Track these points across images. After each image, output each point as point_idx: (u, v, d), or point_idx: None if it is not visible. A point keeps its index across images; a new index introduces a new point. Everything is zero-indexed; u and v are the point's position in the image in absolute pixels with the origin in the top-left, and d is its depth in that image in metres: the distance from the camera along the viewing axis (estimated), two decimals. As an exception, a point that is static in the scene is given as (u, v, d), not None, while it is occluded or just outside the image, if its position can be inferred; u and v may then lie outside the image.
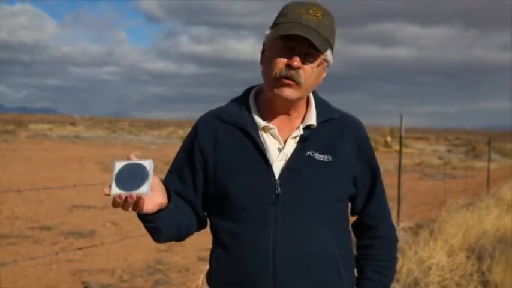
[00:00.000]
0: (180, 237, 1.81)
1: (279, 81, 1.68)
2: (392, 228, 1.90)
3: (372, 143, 1.93)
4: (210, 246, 1.83)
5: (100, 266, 7.00)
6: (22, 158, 20.59)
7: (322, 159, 1.72)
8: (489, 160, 17.04)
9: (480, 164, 25.80)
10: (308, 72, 1.69)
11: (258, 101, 1.81)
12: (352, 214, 1.89)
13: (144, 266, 7.06)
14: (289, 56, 1.67)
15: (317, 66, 1.70)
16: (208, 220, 1.85)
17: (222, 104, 1.83)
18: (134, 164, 1.54)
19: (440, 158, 31.40)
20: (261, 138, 1.73)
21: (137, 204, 1.53)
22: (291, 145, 1.74)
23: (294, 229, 1.68)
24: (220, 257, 1.75)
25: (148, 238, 1.77)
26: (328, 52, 1.72)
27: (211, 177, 1.75)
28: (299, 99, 1.73)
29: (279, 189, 1.68)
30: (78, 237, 8.45)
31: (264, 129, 1.74)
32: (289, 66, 1.66)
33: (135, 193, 1.50)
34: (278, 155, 1.72)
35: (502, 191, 12.38)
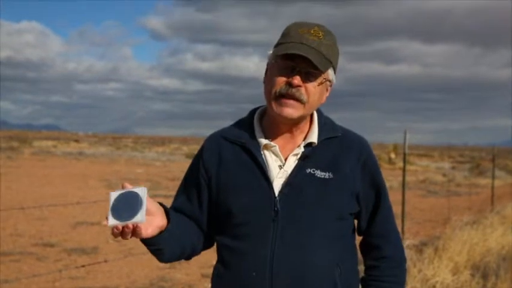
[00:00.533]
0: (185, 256, 1.83)
1: (279, 99, 1.70)
2: (399, 249, 1.87)
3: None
4: (213, 263, 1.84)
5: (103, 283, 6.97)
6: (26, 175, 20.62)
7: (323, 176, 1.73)
8: (493, 177, 16.96)
9: (484, 181, 25.70)
10: (311, 91, 1.70)
11: (263, 121, 1.83)
12: (359, 233, 1.88)
13: (147, 283, 7.03)
14: (290, 75, 1.69)
15: (318, 85, 1.71)
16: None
17: (226, 120, 1.86)
18: (128, 192, 1.58)
19: (444, 175, 31.31)
20: (263, 156, 1.75)
21: (135, 232, 1.57)
22: (292, 162, 1.75)
23: (292, 246, 1.69)
24: (220, 273, 1.78)
25: (151, 255, 1.78)
26: (330, 71, 1.74)
27: (215, 195, 1.79)
28: (301, 117, 1.75)
29: (278, 206, 1.70)
30: (81, 254, 8.44)
31: (266, 147, 1.77)
32: (289, 85, 1.68)
33: (130, 222, 1.54)
34: (279, 172, 1.74)
35: (507, 208, 12.31)
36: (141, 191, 1.56)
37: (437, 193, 20.35)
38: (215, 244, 1.86)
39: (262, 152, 1.76)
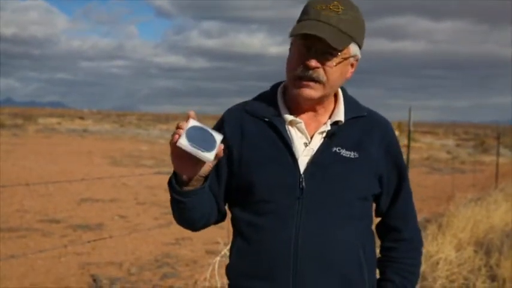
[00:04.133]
0: (199, 223, 1.77)
1: (297, 81, 1.66)
2: (417, 232, 1.86)
3: None
4: (218, 240, 1.83)
5: (108, 259, 7.04)
6: (31, 152, 20.70)
7: (348, 155, 1.70)
8: (498, 154, 16.93)
9: (489, 159, 25.69)
10: (329, 71, 1.64)
11: (286, 96, 1.78)
12: (377, 215, 1.86)
13: (152, 259, 7.09)
14: (306, 56, 1.64)
15: (337, 64, 1.65)
16: (227, 212, 1.83)
17: (231, 97, 1.80)
18: (206, 130, 1.55)
19: (448, 152, 31.28)
20: (288, 132, 1.71)
21: (197, 164, 1.56)
22: (318, 140, 1.71)
23: (317, 224, 1.66)
24: (241, 249, 1.73)
25: (156, 231, 1.77)
26: (353, 47, 1.67)
27: (236, 168, 1.73)
28: (323, 97, 1.70)
29: (304, 184, 1.66)
30: (86, 231, 8.50)
31: (291, 123, 1.72)
32: (306, 66, 1.64)
33: (201, 154, 1.52)
34: (304, 150, 1.70)
35: (511, 186, 12.31)
36: (218, 137, 1.55)
37: (442, 170, 20.36)
38: (230, 219, 1.81)
39: (287, 128, 1.71)
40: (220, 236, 4.77)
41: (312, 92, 1.66)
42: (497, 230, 7.40)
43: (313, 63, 1.63)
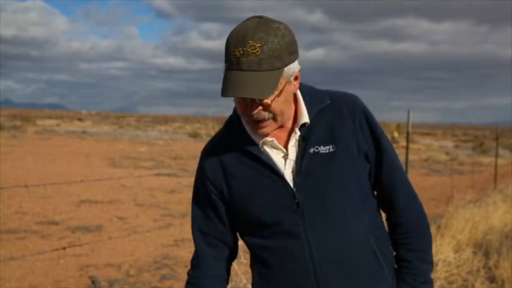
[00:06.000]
0: None
1: (250, 123, 1.68)
2: (412, 197, 1.84)
3: None
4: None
5: (107, 260, 7.03)
6: (30, 154, 20.69)
7: (327, 151, 1.70)
8: (496, 156, 16.95)
9: (487, 160, 25.69)
10: (274, 107, 1.64)
11: None
12: (373, 189, 1.84)
13: (150, 261, 7.09)
14: (244, 108, 1.66)
15: (275, 97, 1.64)
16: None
17: (230, 99, 1.78)
18: None
19: (447, 153, 31.30)
20: (265, 154, 1.73)
21: None
22: (293, 149, 1.73)
23: (324, 230, 1.69)
24: (262, 273, 1.79)
25: (155, 233, 1.79)
26: (288, 68, 1.63)
27: (232, 205, 1.78)
28: (280, 124, 1.72)
29: (298, 197, 1.68)
30: (85, 232, 8.50)
31: (264, 143, 1.73)
32: (249, 115, 1.66)
33: None
34: (285, 164, 1.72)
35: (510, 187, 12.32)
36: None
37: (440, 172, 20.38)
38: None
39: (262, 149, 1.73)
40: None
41: (268, 129, 1.68)
42: (496, 231, 7.41)
43: (255, 113, 1.64)
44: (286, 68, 1.63)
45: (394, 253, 1.84)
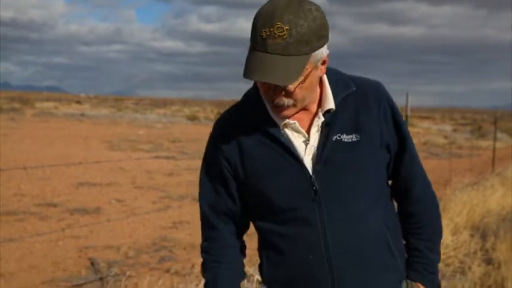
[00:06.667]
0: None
1: (273, 107, 1.62)
2: (428, 187, 1.83)
3: None
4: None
5: (106, 242, 7.06)
6: (28, 136, 20.68)
7: (350, 139, 1.65)
8: (495, 139, 16.95)
9: (486, 143, 25.74)
10: (296, 93, 1.58)
11: None
12: (388, 178, 1.81)
13: (149, 243, 7.12)
14: (267, 92, 1.59)
15: (300, 84, 1.57)
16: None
17: (228, 81, 1.73)
18: None
19: (446, 137, 31.33)
20: (285, 136, 1.65)
21: None
22: (316, 135, 1.66)
23: (341, 220, 1.64)
24: (271, 258, 1.73)
25: (153, 215, 1.77)
26: (315, 53, 1.56)
27: (245, 185, 1.71)
28: (304, 106, 1.65)
29: (316, 185, 1.62)
30: (83, 214, 8.52)
31: (285, 125, 1.66)
32: (272, 100, 1.60)
33: None
34: (305, 149, 1.65)
35: (508, 170, 12.35)
36: None
37: (439, 155, 20.41)
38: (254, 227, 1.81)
39: (283, 132, 1.65)
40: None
41: (288, 113, 1.62)
42: (494, 214, 7.44)
43: (277, 98, 1.58)
44: (314, 53, 1.55)
45: (404, 242, 1.82)
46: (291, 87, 1.55)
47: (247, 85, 1.76)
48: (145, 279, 5.30)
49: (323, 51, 1.58)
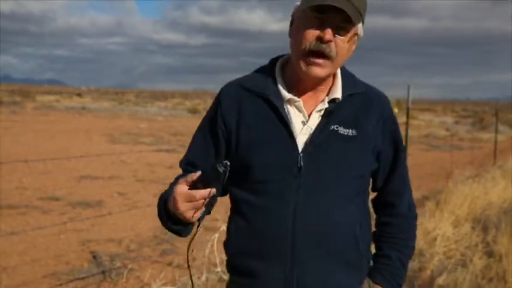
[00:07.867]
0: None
1: (307, 57, 1.62)
2: (412, 206, 1.87)
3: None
4: (217, 217, 1.83)
5: (108, 235, 7.07)
6: (29, 129, 20.68)
7: (346, 133, 1.68)
8: (496, 131, 16.94)
9: (487, 136, 25.72)
10: (340, 46, 1.62)
11: (284, 72, 1.75)
12: (373, 190, 1.86)
13: (151, 236, 7.13)
14: (321, 29, 1.59)
15: (348, 40, 1.63)
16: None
17: (229, 74, 1.77)
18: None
19: (447, 129, 31.30)
20: (286, 111, 1.69)
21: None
22: (316, 118, 1.69)
23: (315, 203, 1.65)
24: (239, 227, 1.73)
25: (155, 208, 1.78)
26: (360, 25, 1.66)
27: (234, 149, 1.72)
28: (328, 75, 1.69)
29: (302, 163, 1.65)
30: (86, 208, 8.54)
31: (289, 101, 1.70)
32: (320, 40, 1.59)
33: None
34: (302, 129, 1.68)
35: (509, 162, 12.34)
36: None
37: (440, 147, 20.39)
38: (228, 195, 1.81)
39: (285, 107, 1.69)
40: (218, 213, 4.80)
41: (320, 71, 1.63)
42: (495, 206, 7.45)
43: (329, 35, 1.59)
44: (359, 24, 1.65)
45: (374, 251, 1.85)
46: (344, 38, 1.61)
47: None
48: (148, 272, 5.33)
49: (361, 29, 1.68)
